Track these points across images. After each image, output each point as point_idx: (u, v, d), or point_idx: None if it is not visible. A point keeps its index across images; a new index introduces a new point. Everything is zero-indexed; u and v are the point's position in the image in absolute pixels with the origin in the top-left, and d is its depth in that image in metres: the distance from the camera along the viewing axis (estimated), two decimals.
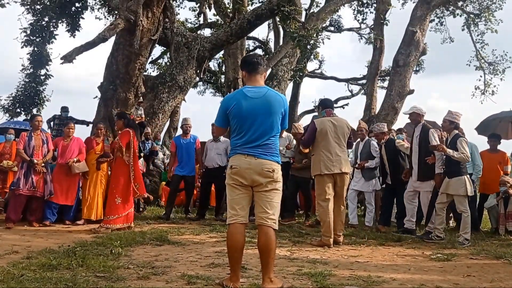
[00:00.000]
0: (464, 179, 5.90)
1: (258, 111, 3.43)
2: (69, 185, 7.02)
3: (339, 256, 4.91)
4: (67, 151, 7.02)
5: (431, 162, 6.27)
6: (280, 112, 3.50)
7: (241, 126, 3.47)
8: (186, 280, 3.59)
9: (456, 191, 5.92)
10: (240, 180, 3.43)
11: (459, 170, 5.95)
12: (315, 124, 5.65)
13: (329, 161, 5.53)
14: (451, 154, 5.87)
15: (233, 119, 3.51)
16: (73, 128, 7.30)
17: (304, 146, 5.67)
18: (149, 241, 5.46)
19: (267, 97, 3.48)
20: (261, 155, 3.42)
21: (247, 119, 3.44)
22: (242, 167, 3.42)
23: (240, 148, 3.46)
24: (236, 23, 10.70)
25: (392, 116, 11.40)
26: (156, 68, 18.59)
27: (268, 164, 3.42)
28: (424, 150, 6.36)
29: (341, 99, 21.56)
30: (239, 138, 3.48)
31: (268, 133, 3.46)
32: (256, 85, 3.55)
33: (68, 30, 10.59)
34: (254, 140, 3.43)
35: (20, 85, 10.49)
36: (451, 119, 6.15)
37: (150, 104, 10.32)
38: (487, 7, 13.44)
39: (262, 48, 19.39)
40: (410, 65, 11.73)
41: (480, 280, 3.93)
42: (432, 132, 6.36)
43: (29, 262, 4.08)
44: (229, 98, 3.59)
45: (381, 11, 12.62)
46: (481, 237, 6.54)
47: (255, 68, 3.57)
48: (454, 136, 6.12)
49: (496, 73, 14.61)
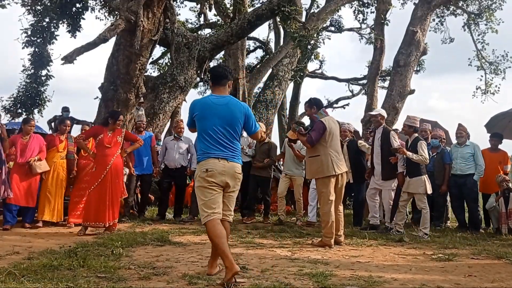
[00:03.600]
0: (423, 179, 6.39)
1: (221, 117, 3.76)
2: (30, 185, 6.59)
3: (340, 256, 4.91)
4: (27, 150, 6.57)
5: (394, 161, 6.74)
6: (241, 118, 3.83)
7: (205, 130, 3.78)
8: (187, 280, 3.59)
9: (415, 190, 6.41)
10: (216, 182, 3.70)
11: (419, 170, 6.43)
12: (324, 123, 5.54)
13: (339, 161, 5.57)
14: (410, 156, 6.36)
15: (198, 123, 3.85)
16: (33, 125, 6.86)
17: (312, 145, 5.57)
18: (150, 241, 5.46)
19: (229, 104, 3.82)
20: (232, 158, 3.77)
21: (211, 123, 3.76)
22: (218, 170, 3.69)
23: (211, 152, 3.73)
24: (237, 24, 10.70)
25: (392, 116, 11.36)
26: (157, 69, 18.57)
27: (238, 167, 3.80)
28: (386, 151, 6.77)
29: (341, 99, 21.56)
30: (206, 141, 3.77)
31: (232, 137, 3.79)
32: (220, 94, 3.89)
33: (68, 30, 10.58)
34: (221, 144, 3.74)
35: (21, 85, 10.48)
36: (410, 123, 6.68)
37: (151, 104, 10.32)
38: (488, 6, 13.41)
39: (263, 48, 19.38)
40: (410, 65, 11.70)
41: (482, 280, 3.93)
42: (393, 134, 6.81)
43: (30, 262, 4.08)
44: (195, 103, 3.91)
45: (381, 11, 12.59)
46: (482, 237, 6.53)
47: (219, 80, 3.93)
48: (414, 139, 6.59)
49: (497, 73, 14.58)
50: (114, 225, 6.27)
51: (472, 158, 7.32)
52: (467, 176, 7.31)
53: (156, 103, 10.34)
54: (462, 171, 7.34)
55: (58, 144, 6.94)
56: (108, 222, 6.12)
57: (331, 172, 5.46)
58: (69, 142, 7.08)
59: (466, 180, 7.31)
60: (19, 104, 10.37)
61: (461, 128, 7.54)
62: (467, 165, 7.33)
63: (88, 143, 6.87)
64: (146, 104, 10.24)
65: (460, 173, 7.35)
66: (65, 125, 7.08)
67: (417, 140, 6.54)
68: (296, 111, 19.01)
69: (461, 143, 7.46)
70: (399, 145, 6.69)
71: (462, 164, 7.35)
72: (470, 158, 7.33)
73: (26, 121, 6.93)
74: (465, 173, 7.32)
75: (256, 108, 14.04)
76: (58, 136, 7.06)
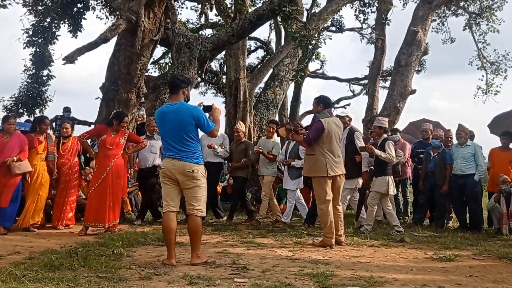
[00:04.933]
0: (387, 179, 6.67)
1: (172, 123, 4.25)
2: (4, 186, 6.14)
3: (341, 256, 4.90)
4: (6, 149, 6.18)
5: (359, 160, 7.09)
6: (190, 121, 4.25)
7: (163, 135, 4.38)
8: (187, 280, 3.59)
9: (379, 189, 6.70)
10: (168, 177, 4.28)
11: (385, 170, 6.72)
12: (323, 124, 5.54)
13: (334, 163, 5.55)
14: (378, 154, 6.63)
15: (159, 130, 4.52)
16: (12, 123, 6.40)
17: (309, 145, 5.59)
18: (151, 241, 5.47)
19: (178, 110, 4.27)
20: (184, 158, 4.23)
21: (165, 129, 4.33)
22: (168, 168, 4.26)
23: (165, 153, 4.35)
24: (238, 24, 10.70)
25: (394, 116, 11.38)
26: (158, 69, 18.60)
27: (188, 165, 4.22)
28: (351, 151, 7.06)
29: (343, 99, 21.57)
30: (164, 144, 4.40)
31: (184, 140, 4.24)
32: (173, 102, 4.38)
33: (70, 30, 10.60)
34: (174, 146, 4.25)
35: (22, 85, 10.49)
36: (380, 124, 7.00)
37: (152, 104, 10.31)
38: (489, 6, 13.40)
39: (264, 48, 19.38)
40: (412, 65, 11.72)
41: (483, 281, 3.92)
42: (357, 135, 7.18)
43: (31, 262, 4.09)
44: (156, 113, 4.52)
45: (382, 11, 12.61)
46: (483, 238, 6.52)
47: (172, 89, 4.43)
48: (383, 139, 6.87)
49: (498, 73, 14.57)
50: (114, 226, 6.27)
51: (473, 158, 7.31)
52: (468, 176, 7.29)
53: (157, 103, 10.32)
54: (463, 171, 7.33)
55: (37, 146, 6.51)
56: (108, 223, 6.12)
57: (324, 173, 5.48)
58: (49, 142, 6.70)
59: (467, 180, 7.29)
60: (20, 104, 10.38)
61: (461, 128, 7.54)
62: (468, 165, 7.31)
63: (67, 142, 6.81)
64: (147, 104, 10.24)
65: (461, 173, 7.34)
66: (45, 125, 6.70)
67: (386, 140, 6.85)
68: (297, 111, 19.01)
69: (462, 143, 7.45)
70: (362, 144, 7.04)
71: (463, 164, 7.34)
72: (470, 158, 7.32)
73: (5, 119, 6.49)
74: (466, 173, 7.31)
75: (257, 108, 14.04)
76: (37, 136, 6.59)
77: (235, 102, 12.90)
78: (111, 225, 6.18)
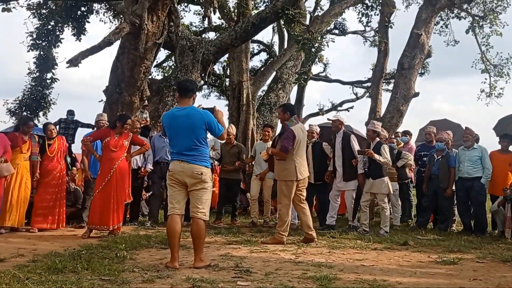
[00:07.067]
0: (385, 180, 6.89)
1: (183, 127, 4.29)
2: None
3: (344, 259, 4.89)
4: None
5: (356, 163, 7.16)
6: (202, 126, 4.31)
7: (172, 138, 4.45)
8: (191, 283, 3.59)
9: (379, 190, 6.89)
10: (176, 180, 4.31)
11: (381, 172, 6.91)
12: (293, 131, 5.82)
13: (302, 167, 5.92)
14: (377, 158, 6.76)
15: (167, 132, 4.59)
16: None
17: (286, 153, 5.79)
18: (154, 244, 5.48)
19: (189, 115, 4.31)
20: (193, 160, 4.28)
21: (175, 133, 4.36)
22: (177, 170, 4.30)
23: (175, 155, 4.36)
24: (241, 27, 10.71)
25: (397, 119, 11.36)
26: (161, 72, 18.63)
27: (197, 168, 4.27)
28: (348, 154, 7.19)
29: (346, 102, 21.49)
30: (173, 147, 4.42)
31: (194, 144, 4.29)
32: (183, 106, 4.40)
33: (73, 34, 10.66)
34: (184, 149, 4.29)
35: (26, 88, 10.55)
36: (374, 128, 7.12)
37: (155, 107, 10.34)
38: (492, 9, 13.38)
39: (267, 51, 19.39)
40: (415, 67, 11.69)
41: (487, 284, 3.90)
42: (353, 138, 7.30)
43: (34, 265, 4.10)
44: (163, 116, 4.64)
45: (385, 13, 12.58)
46: (487, 241, 6.49)
47: (185, 93, 4.42)
48: (377, 143, 7.01)
49: (501, 76, 14.53)
50: (118, 228, 6.27)
51: (480, 161, 7.27)
52: (474, 180, 7.25)
53: (160, 106, 10.34)
54: (470, 174, 7.28)
55: (21, 145, 6.43)
56: (112, 226, 6.13)
57: (294, 177, 5.82)
58: (33, 143, 6.62)
59: (474, 183, 7.25)
60: (24, 107, 10.44)
61: (468, 131, 7.51)
62: (475, 168, 7.27)
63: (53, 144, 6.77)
64: (150, 107, 10.27)
65: (468, 176, 7.29)
66: (28, 127, 6.56)
67: (380, 144, 7.00)
68: (300, 114, 18.99)
69: (468, 147, 7.41)
70: (358, 147, 7.18)
71: (470, 167, 7.29)
72: (477, 161, 7.28)
73: None
74: (472, 176, 7.27)
75: (260, 111, 14.04)
76: (21, 136, 6.49)
77: (238, 105, 12.89)
78: (115, 228, 6.19)
